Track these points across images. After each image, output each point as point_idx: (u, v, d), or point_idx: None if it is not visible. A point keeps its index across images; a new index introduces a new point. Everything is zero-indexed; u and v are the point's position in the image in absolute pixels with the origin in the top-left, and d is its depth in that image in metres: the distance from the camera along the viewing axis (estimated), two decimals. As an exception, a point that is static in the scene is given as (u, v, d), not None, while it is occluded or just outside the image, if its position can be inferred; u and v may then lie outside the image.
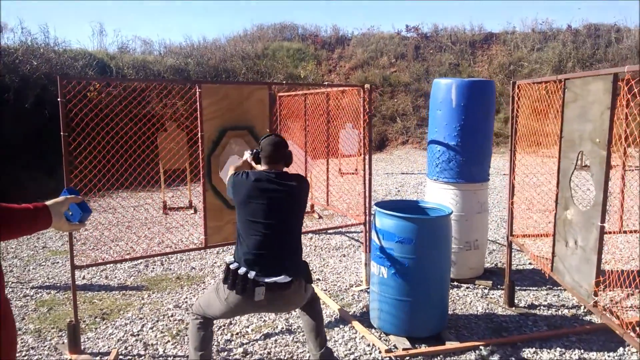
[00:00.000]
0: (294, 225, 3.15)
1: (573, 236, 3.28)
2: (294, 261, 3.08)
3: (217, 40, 19.75)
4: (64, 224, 1.74)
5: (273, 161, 3.14)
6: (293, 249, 3.12)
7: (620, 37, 18.82)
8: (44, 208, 1.66)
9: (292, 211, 3.11)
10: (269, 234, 2.99)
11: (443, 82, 4.96)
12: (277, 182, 3.05)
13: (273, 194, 3.02)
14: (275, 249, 3.01)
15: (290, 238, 3.11)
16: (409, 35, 20.79)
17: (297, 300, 3.14)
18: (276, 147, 3.14)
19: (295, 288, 3.04)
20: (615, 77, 2.72)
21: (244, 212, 3.04)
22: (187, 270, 5.56)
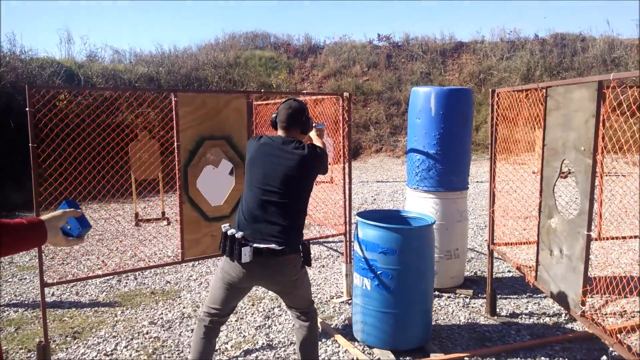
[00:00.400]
0: (294, 196, 2.94)
1: (558, 245, 3.27)
2: (288, 234, 2.89)
3: (189, 49, 19.53)
4: (61, 240, 1.62)
5: (285, 126, 3.04)
6: (289, 221, 2.91)
7: (585, 46, 19.33)
8: (39, 223, 1.55)
9: (293, 180, 2.92)
10: (265, 200, 2.90)
11: (422, 91, 4.94)
12: (282, 148, 2.95)
13: (275, 159, 2.93)
14: (269, 215, 2.88)
15: (287, 208, 2.91)
16: (381, 44, 20.94)
17: (290, 272, 2.93)
18: (288, 112, 3.03)
19: (287, 259, 2.89)
20: (600, 85, 2.72)
21: (246, 175, 3.03)
22: (161, 285, 5.38)
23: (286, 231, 2.88)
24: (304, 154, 2.93)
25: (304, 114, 3.07)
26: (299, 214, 2.99)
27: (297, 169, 2.91)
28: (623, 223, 7.46)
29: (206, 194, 4.08)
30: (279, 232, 2.86)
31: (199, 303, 4.82)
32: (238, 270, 2.88)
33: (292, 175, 2.91)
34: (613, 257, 5.99)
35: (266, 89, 17.19)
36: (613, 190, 8.36)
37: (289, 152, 2.93)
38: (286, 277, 2.95)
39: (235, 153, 4.18)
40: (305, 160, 2.93)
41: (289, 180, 2.90)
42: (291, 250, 2.89)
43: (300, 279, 3.02)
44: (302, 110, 3.06)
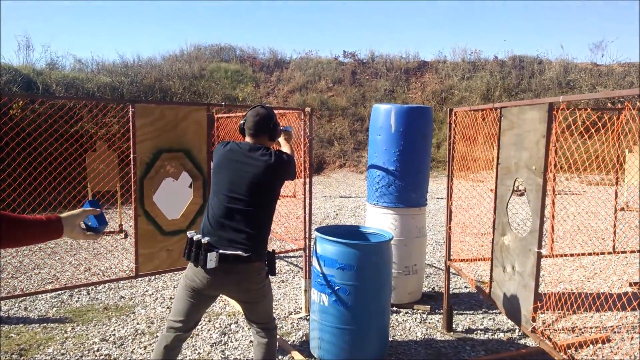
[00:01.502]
0: (260, 204, 2.90)
1: (510, 262, 3.34)
2: (254, 241, 2.85)
3: (153, 59, 19.30)
4: (79, 234, 1.86)
5: (253, 133, 3.03)
6: (255, 228, 2.87)
7: (542, 69, 20.04)
8: (56, 220, 1.77)
9: (259, 188, 2.89)
10: (231, 207, 2.87)
11: (382, 108, 5.00)
12: (248, 155, 2.93)
13: (241, 166, 2.91)
14: (235, 223, 2.85)
15: (253, 216, 2.87)
16: (346, 60, 21.20)
17: (254, 280, 2.88)
18: (256, 119, 3.01)
19: (253, 267, 2.85)
20: (550, 107, 2.81)
21: (213, 181, 3.01)
22: (115, 300, 5.22)
23: (252, 239, 2.85)
24: (270, 162, 2.91)
25: (272, 121, 3.05)
26: (265, 221, 2.96)
27: (264, 177, 2.90)
28: (574, 240, 7.70)
29: (163, 207, 4.01)
30: (245, 239, 2.83)
31: (154, 319, 4.70)
32: (202, 276, 2.83)
33: (258, 182, 2.89)
34: (565, 274, 6.15)
35: (232, 102, 17.11)
36: (565, 208, 8.62)
37: (255, 159, 2.91)
38: (251, 285, 2.91)
39: (194, 166, 4.12)
40: (271, 168, 2.91)
41: (255, 187, 2.88)
42: (257, 258, 2.86)
43: (264, 289, 2.99)
44: (270, 117, 3.05)
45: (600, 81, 19.02)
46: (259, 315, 3.06)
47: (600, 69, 20.06)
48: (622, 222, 8.20)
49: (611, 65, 20.36)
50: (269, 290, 3.05)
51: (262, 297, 3.00)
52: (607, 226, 6.93)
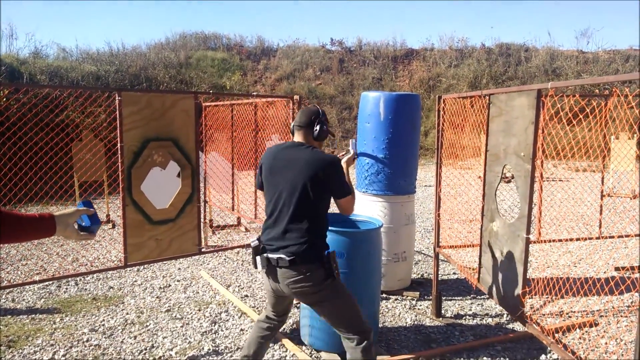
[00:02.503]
0: (302, 204, 2.75)
1: (499, 247, 3.36)
2: (298, 244, 2.71)
3: (138, 47, 19.07)
4: (72, 233, 1.84)
5: (295, 125, 2.97)
6: (298, 231, 2.73)
7: (529, 56, 20.12)
8: (49, 218, 1.76)
9: (299, 186, 2.75)
10: (276, 208, 2.83)
11: (371, 96, 4.99)
12: (288, 152, 2.87)
13: (284, 164, 2.85)
14: (281, 224, 2.78)
15: (298, 216, 2.74)
16: (334, 48, 21.12)
17: (306, 284, 2.72)
18: (301, 112, 2.96)
19: (299, 271, 2.71)
20: (539, 93, 2.82)
21: (265, 186, 2.96)
22: (104, 290, 5.19)
23: (296, 241, 2.73)
24: (314, 157, 2.80)
25: (315, 116, 2.93)
26: (313, 221, 2.78)
27: (308, 172, 2.76)
28: (561, 226, 7.80)
29: (151, 196, 3.98)
30: (289, 242, 2.74)
31: (143, 309, 4.69)
32: (265, 278, 2.88)
33: (303, 179, 2.76)
34: (552, 259, 6.23)
35: (219, 91, 16.98)
36: (552, 194, 8.69)
37: (299, 155, 2.83)
38: (303, 289, 2.75)
39: (182, 155, 4.09)
40: (315, 163, 2.77)
41: (296, 186, 2.77)
42: (302, 261, 2.71)
43: (324, 292, 2.77)
44: (314, 112, 2.95)
45: (586, 68, 19.16)
46: (330, 321, 2.87)
47: (586, 56, 20.20)
48: (608, 208, 8.31)
49: (597, 52, 20.51)
50: (336, 295, 2.82)
51: (324, 301, 2.81)
52: (594, 212, 7.02)
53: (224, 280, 5.51)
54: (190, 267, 5.95)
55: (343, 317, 2.85)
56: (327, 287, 2.77)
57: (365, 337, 2.83)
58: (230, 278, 5.58)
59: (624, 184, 10.60)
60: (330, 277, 2.76)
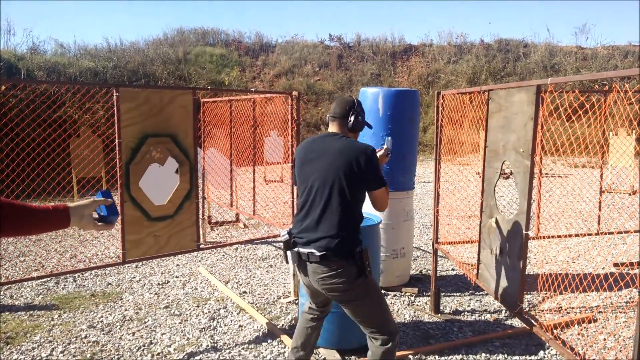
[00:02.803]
0: (333, 198, 2.65)
1: (498, 244, 3.36)
2: (332, 238, 2.62)
3: (136, 43, 19.01)
4: (88, 224, 1.81)
5: (330, 116, 2.92)
6: (330, 226, 2.64)
7: (528, 52, 20.09)
8: (63, 210, 1.74)
9: (332, 176, 2.66)
10: (307, 200, 2.76)
11: (370, 91, 4.98)
12: (322, 144, 2.80)
13: (315, 157, 2.78)
14: (313, 218, 2.69)
15: (332, 210, 2.65)
16: (332, 44, 21.08)
17: (335, 281, 2.64)
18: (336, 101, 2.92)
19: (330, 266, 2.62)
20: (538, 89, 2.81)
21: (298, 180, 2.90)
22: (102, 287, 5.19)
23: (328, 236, 2.63)
24: (346, 145, 2.71)
25: (350, 106, 2.86)
26: (346, 214, 2.68)
27: (340, 162, 2.67)
28: (560, 222, 7.80)
29: (149, 192, 3.96)
30: (320, 237, 2.65)
31: (142, 305, 4.68)
32: (300, 273, 2.84)
33: (335, 169, 2.67)
34: (550, 255, 6.23)
35: (217, 87, 16.95)
36: (551, 190, 8.68)
37: (329, 147, 2.75)
38: (333, 285, 2.67)
39: (181, 151, 4.08)
40: (347, 153, 2.68)
41: (328, 178, 2.68)
42: (335, 255, 2.62)
43: (357, 291, 2.69)
44: (349, 102, 2.88)
45: (584, 64, 19.15)
46: (359, 319, 2.80)
47: (585, 52, 20.18)
48: (606, 204, 8.31)
49: (595, 48, 20.49)
50: (366, 293, 2.73)
51: (356, 300, 2.73)
52: (592, 208, 7.02)
53: (222, 276, 5.51)
54: (188, 264, 5.95)
55: (372, 316, 2.78)
56: (359, 286, 2.68)
57: (391, 339, 2.77)
58: (229, 274, 5.58)
59: (623, 180, 10.61)
60: (362, 274, 2.67)
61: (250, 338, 4.01)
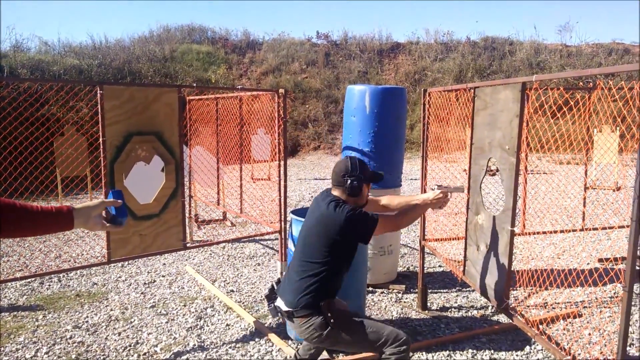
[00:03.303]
0: (314, 258, 2.73)
1: (484, 240, 3.38)
2: (301, 295, 2.70)
3: (121, 41, 18.83)
4: (97, 225, 1.80)
5: (333, 186, 2.95)
6: (305, 281, 2.71)
7: (513, 50, 20.23)
8: (66, 213, 1.72)
9: (316, 240, 2.75)
10: (296, 256, 2.89)
11: (357, 89, 4.97)
12: (318, 204, 2.87)
13: (310, 215, 2.91)
14: (292, 273, 2.83)
15: (307, 268, 2.73)
16: (320, 42, 21.05)
17: (306, 333, 2.73)
18: (334, 169, 2.91)
19: (299, 321, 2.72)
20: (523, 86, 2.82)
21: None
22: (88, 287, 5.13)
23: (297, 292, 2.72)
24: (330, 215, 2.71)
25: (347, 173, 2.82)
26: (318, 276, 2.71)
27: (319, 228, 2.75)
28: (545, 218, 7.87)
29: (135, 191, 3.93)
30: (292, 291, 2.76)
31: (128, 305, 4.64)
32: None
33: (315, 234, 2.77)
34: (536, 251, 6.28)
35: (204, 84, 16.84)
36: (537, 187, 8.73)
37: (320, 210, 2.80)
38: (309, 337, 2.77)
39: (166, 149, 4.04)
40: (328, 222, 2.71)
41: (310, 240, 2.79)
42: (302, 310, 2.70)
43: (330, 339, 2.74)
44: (344, 168, 2.84)
45: (569, 62, 19.33)
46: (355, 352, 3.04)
47: (569, 49, 20.36)
48: (591, 200, 8.40)
49: (580, 46, 20.69)
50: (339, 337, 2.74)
51: (335, 345, 2.84)
52: (577, 204, 7.10)
53: (209, 275, 5.48)
54: (175, 263, 5.91)
55: (365, 344, 2.78)
56: (329, 335, 2.71)
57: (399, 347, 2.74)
58: (216, 273, 5.55)
59: (607, 176, 10.73)
60: (327, 326, 2.70)
61: (238, 337, 3.99)
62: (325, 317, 2.69)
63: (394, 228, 2.94)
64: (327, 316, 2.69)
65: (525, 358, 3.66)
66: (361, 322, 2.79)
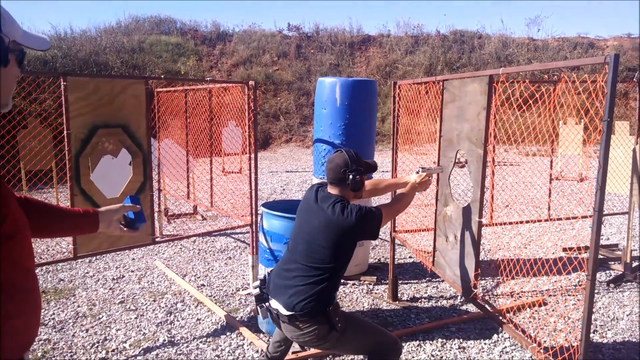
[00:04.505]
0: (316, 261, 2.60)
1: (453, 231, 3.42)
2: (302, 299, 2.54)
3: (87, 31, 18.34)
4: (116, 230, 1.83)
5: (329, 182, 2.76)
6: (306, 286, 2.57)
7: (482, 43, 20.51)
8: (93, 215, 1.75)
9: (315, 243, 2.61)
10: (290, 257, 2.72)
11: (327, 81, 4.97)
12: (317, 204, 2.69)
13: (306, 215, 2.73)
14: (290, 276, 2.64)
15: (308, 272, 2.60)
16: (291, 34, 20.93)
17: (303, 338, 2.61)
18: (328, 166, 2.73)
19: (297, 326, 2.56)
20: (490, 79, 2.86)
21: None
22: (54, 283, 5.02)
23: (298, 297, 2.55)
24: (333, 219, 2.58)
25: (348, 168, 2.68)
26: (321, 281, 2.59)
27: (324, 233, 2.60)
28: (512, 209, 8.03)
29: (101, 185, 3.84)
30: (290, 295, 2.57)
31: (96, 301, 4.56)
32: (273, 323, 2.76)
33: (317, 238, 2.61)
34: (504, 242, 6.41)
35: (173, 76, 16.58)
36: (504, 178, 8.88)
37: (321, 211, 2.64)
38: (305, 342, 2.68)
39: (133, 142, 3.96)
40: (333, 225, 2.58)
41: (312, 243, 2.62)
42: (303, 318, 2.54)
43: (330, 343, 2.65)
44: (345, 164, 2.68)
45: (536, 55, 19.70)
46: (351, 355, 2.98)
47: (536, 43, 20.74)
48: (556, 191, 8.61)
49: (546, 39, 21.09)
50: (340, 342, 2.66)
51: (333, 348, 2.77)
52: (543, 195, 7.26)
53: (179, 269, 5.42)
54: (144, 257, 5.82)
55: (361, 347, 2.73)
56: (330, 338, 2.61)
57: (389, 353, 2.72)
58: (186, 267, 5.49)
59: (572, 167, 11.00)
60: (333, 330, 2.59)
61: (209, 331, 3.96)
62: (332, 322, 2.58)
63: (394, 216, 2.97)
64: (335, 321, 2.58)
65: (493, 346, 3.74)
66: (362, 327, 2.74)
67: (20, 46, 1.34)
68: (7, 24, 1.28)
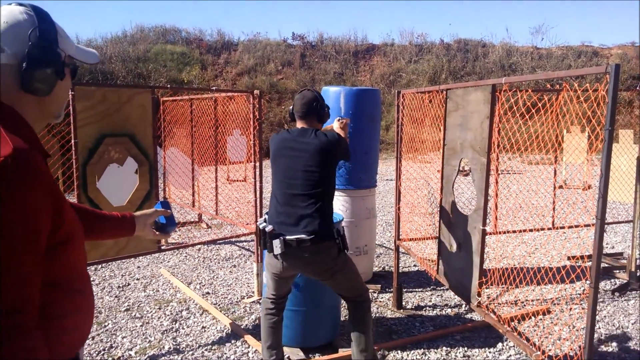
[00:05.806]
0: (317, 185, 2.95)
1: (457, 240, 3.44)
2: (316, 223, 2.90)
3: (93, 41, 18.52)
4: (149, 234, 1.89)
5: (301, 116, 3.10)
6: (315, 210, 2.92)
7: (486, 52, 20.56)
8: (130, 219, 1.80)
9: (314, 170, 2.95)
10: (289, 193, 2.99)
11: (332, 90, 5.01)
12: (297, 139, 3.01)
13: (292, 152, 3.01)
14: (295, 208, 2.95)
15: (312, 198, 2.93)
16: (295, 43, 21.07)
17: (323, 260, 2.96)
18: (302, 101, 3.08)
19: (319, 248, 2.91)
20: (493, 88, 2.88)
21: (272, 171, 3.13)
22: (60, 291, 5.04)
23: (313, 221, 2.90)
24: (321, 141, 2.96)
25: (318, 102, 3.09)
26: (325, 202, 2.99)
27: (317, 158, 2.95)
28: (516, 217, 8.03)
29: (108, 194, 3.88)
30: (306, 223, 2.90)
31: (101, 309, 4.58)
32: (275, 261, 3.03)
33: (312, 164, 2.95)
34: (508, 250, 6.41)
35: (178, 85, 16.69)
36: (508, 187, 8.87)
37: (306, 142, 2.98)
38: (321, 265, 2.99)
39: (140, 151, 4.00)
40: (323, 149, 2.96)
41: (310, 170, 2.95)
42: (322, 238, 2.91)
43: (339, 266, 3.02)
44: (315, 99, 3.09)
45: (540, 64, 19.73)
46: (342, 289, 3.16)
47: (540, 52, 20.79)
48: (560, 200, 8.60)
49: (550, 48, 21.14)
50: (345, 265, 3.07)
51: (337, 273, 3.05)
52: (547, 203, 7.26)
53: (184, 277, 5.44)
54: (150, 265, 5.85)
55: (350, 284, 3.12)
56: (340, 260, 3.01)
57: (367, 298, 3.19)
58: (192, 275, 5.52)
59: (576, 176, 10.99)
60: (341, 251, 3.01)
61: (214, 339, 3.98)
62: (342, 242, 3.01)
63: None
64: (344, 240, 3.03)
65: (498, 354, 3.74)
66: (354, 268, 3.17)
67: (74, 60, 1.44)
68: (63, 40, 1.37)
